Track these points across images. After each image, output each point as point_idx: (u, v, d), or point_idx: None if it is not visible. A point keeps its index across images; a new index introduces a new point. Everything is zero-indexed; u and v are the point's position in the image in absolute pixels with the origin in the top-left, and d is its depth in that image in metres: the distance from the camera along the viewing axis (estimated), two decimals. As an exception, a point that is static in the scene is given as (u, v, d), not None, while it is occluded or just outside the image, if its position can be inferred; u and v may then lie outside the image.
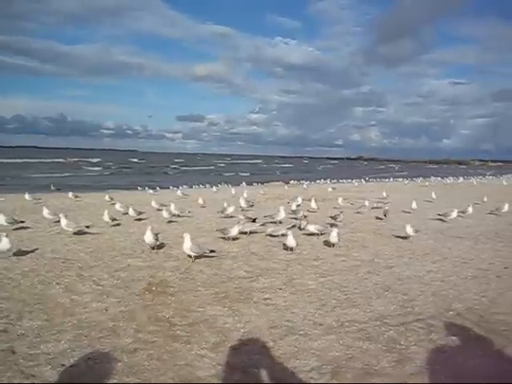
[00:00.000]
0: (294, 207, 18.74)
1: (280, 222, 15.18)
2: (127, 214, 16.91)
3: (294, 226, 14.02)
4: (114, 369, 5.32)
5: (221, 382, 5.08)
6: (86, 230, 13.95)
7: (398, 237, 13.78)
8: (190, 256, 10.34)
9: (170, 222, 16.18)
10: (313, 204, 19.85)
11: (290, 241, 11.13)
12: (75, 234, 13.36)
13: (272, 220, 15.40)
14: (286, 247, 11.53)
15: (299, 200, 21.87)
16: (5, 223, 14.07)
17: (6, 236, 10.07)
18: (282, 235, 12.48)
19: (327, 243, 12.19)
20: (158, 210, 17.98)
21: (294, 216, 16.88)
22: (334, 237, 11.72)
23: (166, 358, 5.65)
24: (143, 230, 12.13)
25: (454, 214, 17.23)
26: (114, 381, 5.04)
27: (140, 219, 16.68)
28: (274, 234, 12.95)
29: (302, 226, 13.98)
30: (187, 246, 10.06)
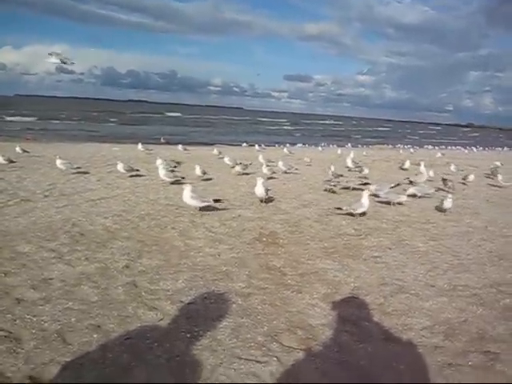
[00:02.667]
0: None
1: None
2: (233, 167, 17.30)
3: (398, 185, 13.82)
4: (228, 309, 5.54)
5: (332, 331, 5.16)
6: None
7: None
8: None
9: (270, 178, 16.21)
10: (422, 168, 19.14)
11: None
12: (190, 183, 13.87)
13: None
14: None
15: (407, 164, 21.37)
16: (122, 170, 14.86)
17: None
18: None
19: (438, 208, 11.81)
20: (267, 165, 18.14)
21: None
22: (448, 202, 11.32)
23: (278, 304, 5.80)
24: (252, 183, 12.36)
25: None
26: (230, 320, 5.26)
27: (247, 173, 16.93)
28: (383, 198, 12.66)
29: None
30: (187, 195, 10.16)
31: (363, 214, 10.75)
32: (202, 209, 10.38)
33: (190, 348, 4.59)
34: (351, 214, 10.60)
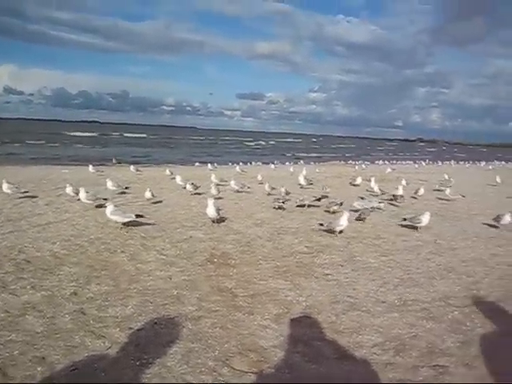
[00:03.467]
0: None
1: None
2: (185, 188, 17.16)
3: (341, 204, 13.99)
4: (179, 334, 5.45)
5: (284, 352, 5.13)
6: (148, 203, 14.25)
7: (460, 219, 13.46)
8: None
9: (220, 198, 15.82)
10: (372, 184, 19.42)
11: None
12: (140, 205, 13.74)
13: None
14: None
15: (359, 180, 21.63)
16: (71, 193, 14.55)
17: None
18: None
19: (411, 223, 11.88)
20: (218, 184, 18.03)
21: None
22: (426, 217, 11.52)
23: (229, 326, 5.74)
24: (204, 203, 12.28)
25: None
26: (180, 346, 5.17)
27: (198, 193, 16.81)
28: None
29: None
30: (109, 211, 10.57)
31: (341, 231, 10.89)
32: (125, 224, 10.65)
33: (138, 376, 4.48)
34: (331, 232, 10.80)
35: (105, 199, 13.36)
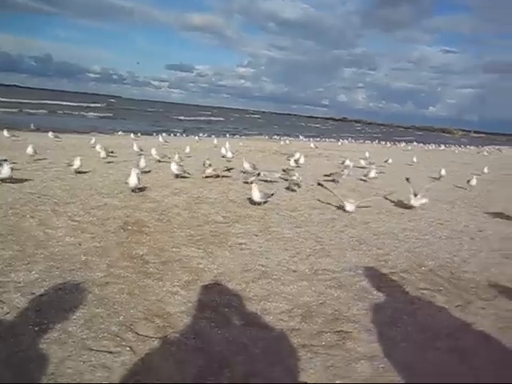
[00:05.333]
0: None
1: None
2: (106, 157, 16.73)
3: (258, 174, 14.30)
4: (84, 300, 5.28)
5: (191, 318, 5.09)
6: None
7: (377, 195, 13.85)
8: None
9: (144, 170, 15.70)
10: (297, 157, 19.77)
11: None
12: (56, 171, 13.26)
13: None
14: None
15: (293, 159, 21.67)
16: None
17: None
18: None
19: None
20: (139, 154, 17.69)
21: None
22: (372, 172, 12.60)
23: (137, 292, 5.63)
24: (123, 172, 12.04)
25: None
26: (84, 311, 5.02)
27: (112, 162, 16.41)
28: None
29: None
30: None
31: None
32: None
33: (36, 342, 4.30)
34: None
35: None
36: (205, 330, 4.83)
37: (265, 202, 11.04)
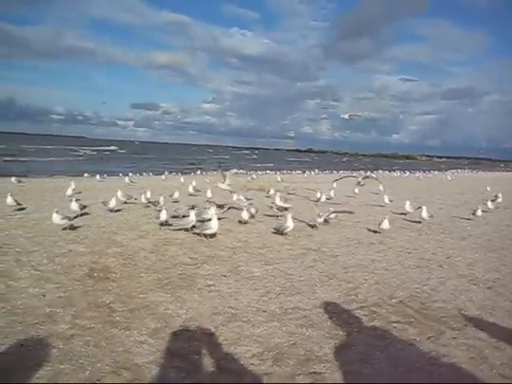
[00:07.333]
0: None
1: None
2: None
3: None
4: (47, 355, 5.09)
5: (159, 368, 4.94)
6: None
7: (344, 226, 13.89)
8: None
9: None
10: (272, 193, 20.20)
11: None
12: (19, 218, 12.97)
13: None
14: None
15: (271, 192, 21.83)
16: None
17: None
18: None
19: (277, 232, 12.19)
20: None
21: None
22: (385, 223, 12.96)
23: (103, 344, 5.47)
24: (90, 215, 11.80)
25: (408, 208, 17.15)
26: (48, 368, 4.83)
27: (85, 206, 16.01)
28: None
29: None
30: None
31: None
32: None
33: (-4, 405, 4.13)
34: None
35: None
36: (175, 381, 4.70)
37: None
